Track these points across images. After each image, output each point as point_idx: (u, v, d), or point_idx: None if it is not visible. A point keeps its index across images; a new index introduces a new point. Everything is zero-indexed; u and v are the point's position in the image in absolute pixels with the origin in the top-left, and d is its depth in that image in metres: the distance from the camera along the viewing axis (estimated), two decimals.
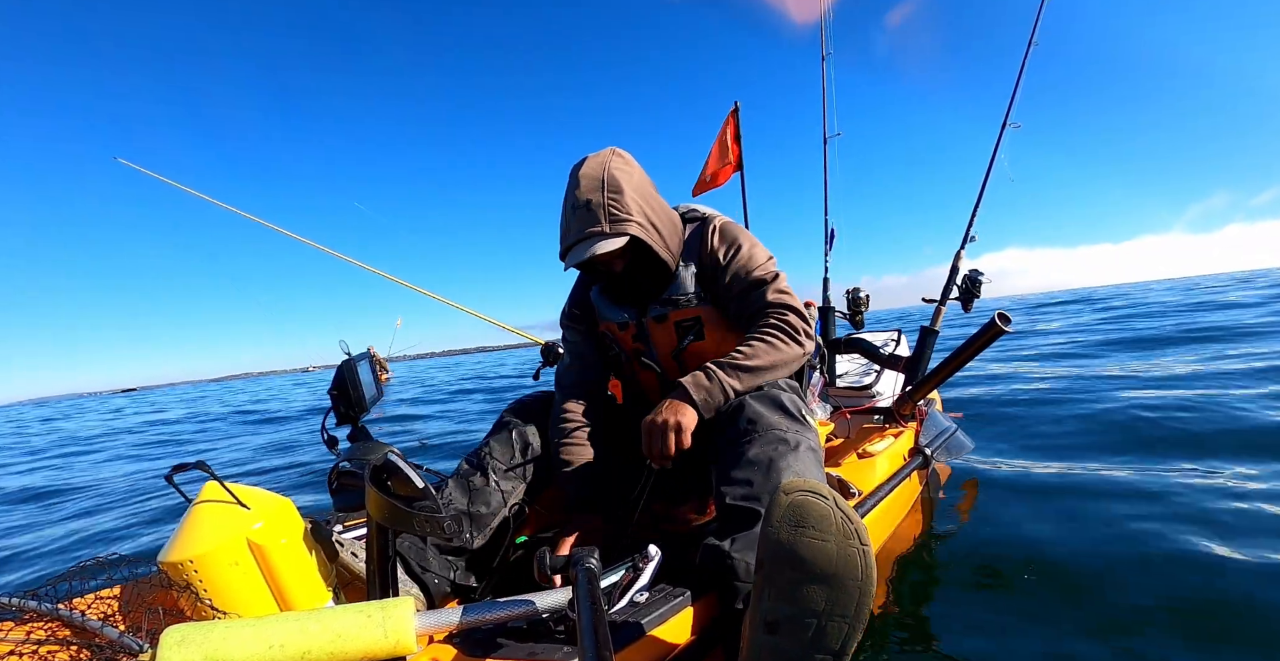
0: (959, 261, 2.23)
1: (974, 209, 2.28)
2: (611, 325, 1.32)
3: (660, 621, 0.88)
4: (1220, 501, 1.81)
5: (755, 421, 1.04)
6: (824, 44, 2.86)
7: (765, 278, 1.19)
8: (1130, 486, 2.04)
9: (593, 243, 1.11)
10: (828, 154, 2.88)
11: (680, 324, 1.25)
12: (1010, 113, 2.26)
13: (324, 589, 0.89)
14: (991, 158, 2.27)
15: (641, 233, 1.13)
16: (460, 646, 0.85)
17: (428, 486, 0.86)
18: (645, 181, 1.20)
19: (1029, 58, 2.30)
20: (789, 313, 1.16)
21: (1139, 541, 1.61)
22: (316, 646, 0.64)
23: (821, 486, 0.70)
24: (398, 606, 0.69)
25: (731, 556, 0.93)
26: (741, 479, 0.99)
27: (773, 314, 1.16)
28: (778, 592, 0.70)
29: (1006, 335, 1.78)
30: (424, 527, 0.78)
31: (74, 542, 2.83)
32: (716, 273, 1.22)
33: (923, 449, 1.87)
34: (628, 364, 1.35)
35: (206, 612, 0.79)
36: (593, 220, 1.11)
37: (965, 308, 2.15)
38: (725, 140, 2.82)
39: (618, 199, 1.12)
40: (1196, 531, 1.63)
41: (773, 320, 1.15)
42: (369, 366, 1.16)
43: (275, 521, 0.86)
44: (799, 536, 0.68)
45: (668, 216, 1.23)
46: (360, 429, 1.15)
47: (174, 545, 0.81)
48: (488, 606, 0.79)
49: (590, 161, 1.16)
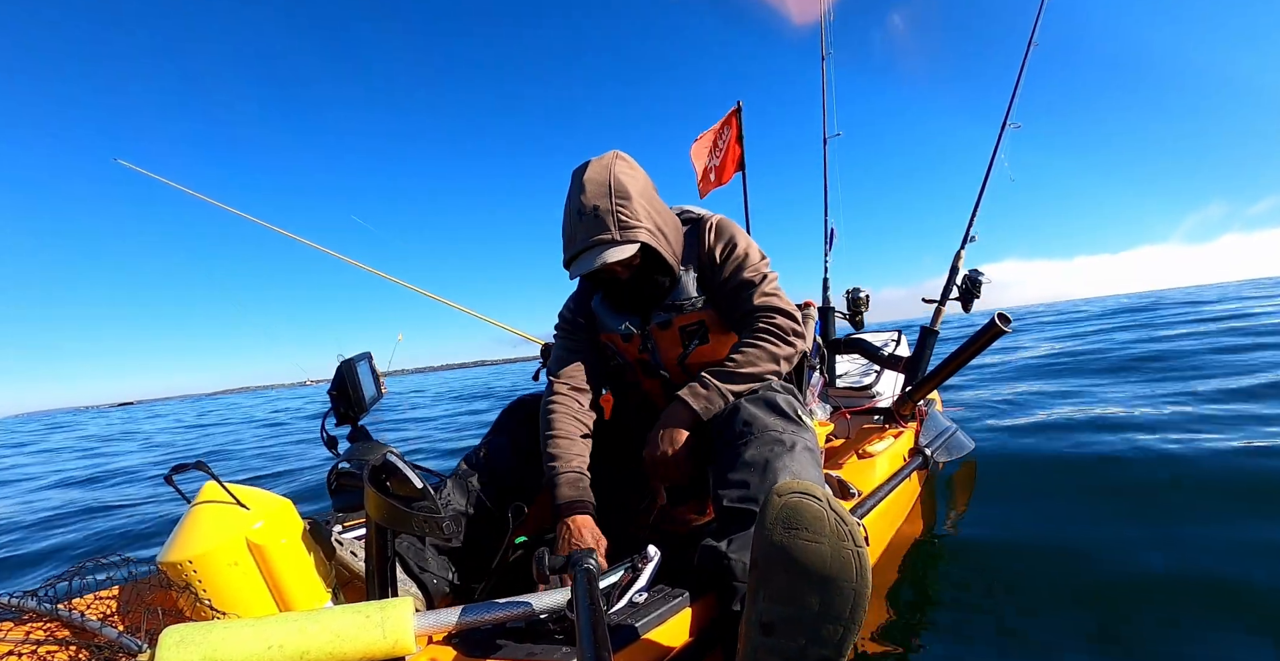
0: (959, 261, 2.23)
1: (974, 208, 2.28)
2: (614, 336, 1.30)
3: (659, 622, 0.88)
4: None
5: (751, 423, 1.04)
6: (824, 44, 2.86)
7: (754, 279, 1.19)
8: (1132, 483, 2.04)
9: (602, 250, 1.08)
10: (827, 154, 2.89)
11: (684, 329, 1.25)
12: (1010, 113, 2.26)
13: (323, 589, 0.89)
14: (992, 157, 2.27)
15: (651, 239, 1.11)
16: (459, 646, 0.85)
17: (426, 487, 0.86)
18: (649, 185, 1.19)
19: (1029, 58, 2.30)
20: (776, 315, 1.16)
21: (1139, 541, 1.61)
22: (315, 646, 0.65)
23: (815, 488, 0.70)
24: (396, 607, 0.69)
25: (729, 557, 0.93)
26: (738, 481, 0.99)
27: (761, 317, 1.17)
28: (772, 594, 0.70)
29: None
30: (423, 528, 0.78)
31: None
32: (713, 271, 1.22)
33: (923, 449, 1.87)
34: (631, 372, 1.34)
35: (206, 613, 0.80)
36: (601, 227, 1.08)
37: (965, 308, 2.15)
38: (720, 137, 2.82)
39: (626, 205, 1.09)
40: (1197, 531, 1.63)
41: (761, 324, 1.16)
42: (368, 367, 1.16)
43: (275, 521, 0.86)
44: (792, 539, 0.68)
45: (672, 221, 1.22)
46: (360, 429, 1.15)
47: (173, 545, 0.81)
48: (487, 607, 0.79)
49: (594, 166, 1.13)
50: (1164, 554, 1.52)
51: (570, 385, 1.26)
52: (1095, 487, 2.07)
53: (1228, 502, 1.79)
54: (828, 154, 2.89)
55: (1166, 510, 1.81)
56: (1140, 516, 1.78)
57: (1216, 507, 1.76)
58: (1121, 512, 1.82)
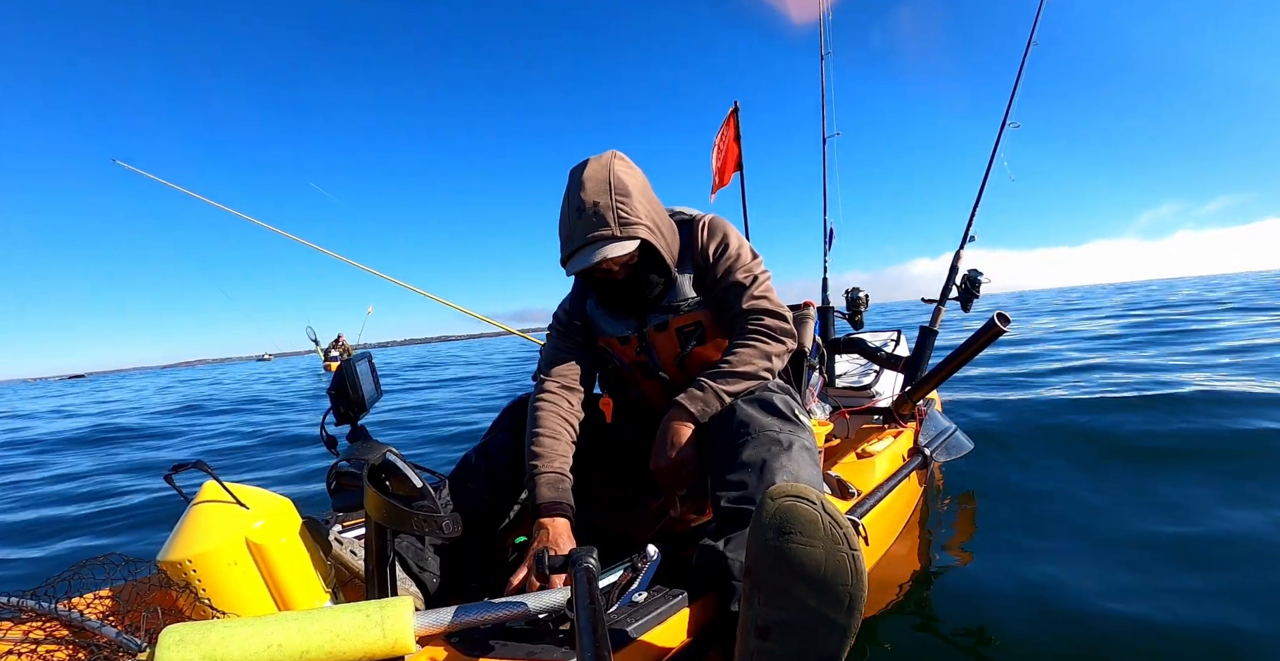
0: (959, 261, 2.23)
1: (974, 208, 2.28)
2: (611, 340, 1.30)
3: (658, 622, 0.88)
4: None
5: (748, 423, 1.04)
6: (823, 44, 2.86)
7: (745, 281, 1.19)
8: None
9: (601, 245, 1.08)
10: (827, 154, 2.89)
11: (681, 330, 1.25)
12: (1009, 112, 2.26)
13: (323, 588, 0.89)
14: (991, 157, 2.27)
15: (650, 236, 1.12)
16: (459, 646, 0.85)
17: (426, 486, 0.86)
18: (647, 185, 1.19)
19: (1028, 57, 2.30)
20: (765, 317, 1.17)
21: (1138, 541, 1.62)
22: (315, 646, 0.65)
23: (809, 491, 0.70)
24: (396, 606, 0.69)
25: (727, 557, 0.93)
26: (736, 481, 0.99)
27: (751, 319, 1.17)
28: (768, 598, 0.70)
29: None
30: (422, 527, 0.78)
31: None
32: (707, 270, 1.22)
33: (922, 449, 1.87)
34: (630, 375, 1.34)
35: (205, 612, 0.80)
36: (601, 223, 1.08)
37: (964, 307, 2.15)
38: (721, 139, 2.82)
39: (626, 202, 1.09)
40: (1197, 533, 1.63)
41: (750, 325, 1.17)
42: (368, 367, 1.15)
43: (274, 521, 0.86)
44: (786, 542, 0.67)
45: (668, 221, 1.22)
46: (359, 429, 1.15)
47: (173, 544, 0.81)
48: (486, 606, 0.79)
49: (593, 164, 1.13)
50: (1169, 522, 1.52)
51: (560, 384, 1.26)
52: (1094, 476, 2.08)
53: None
54: (827, 153, 2.89)
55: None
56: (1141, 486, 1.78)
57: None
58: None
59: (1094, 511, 1.88)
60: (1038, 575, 1.50)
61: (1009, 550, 1.67)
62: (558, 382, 1.26)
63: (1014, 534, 1.77)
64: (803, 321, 1.50)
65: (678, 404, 1.13)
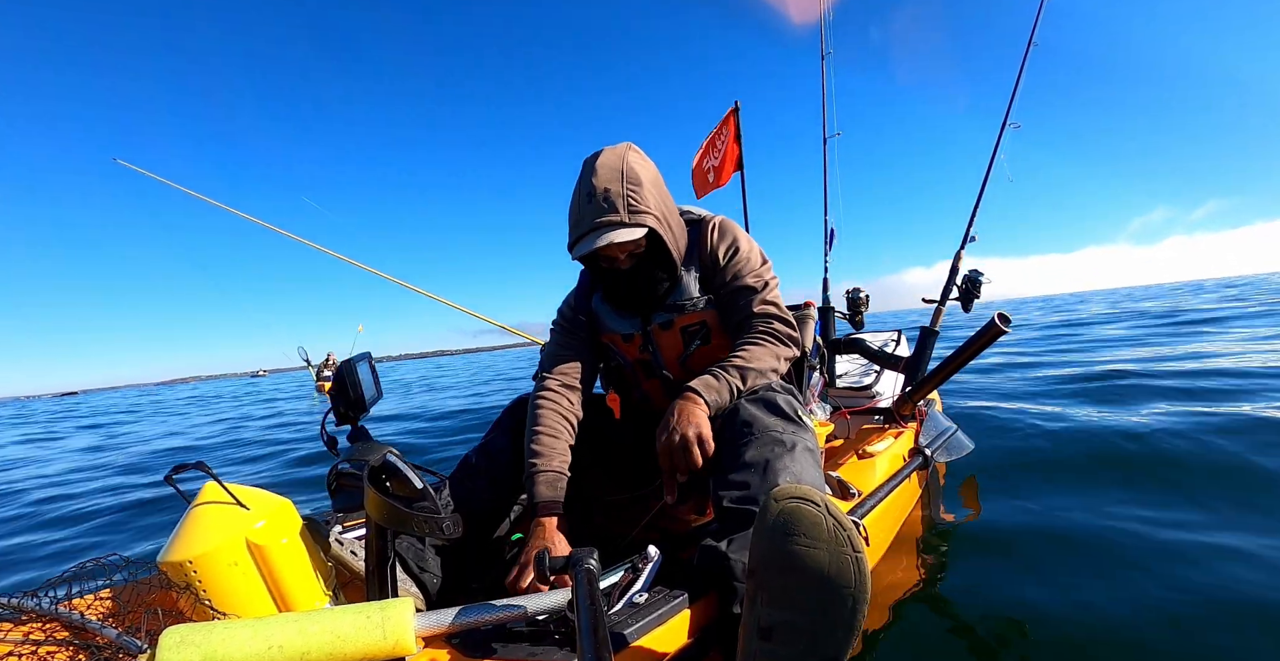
0: (959, 261, 2.23)
1: (974, 208, 2.28)
2: (615, 337, 1.30)
3: (659, 623, 0.88)
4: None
5: (751, 423, 1.04)
6: (824, 44, 2.86)
7: (756, 286, 1.20)
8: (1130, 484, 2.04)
9: (608, 230, 1.08)
10: (827, 153, 2.89)
11: (686, 329, 1.25)
12: (1010, 112, 2.26)
13: (323, 589, 0.89)
14: (991, 157, 2.27)
15: (658, 226, 1.12)
16: (459, 647, 0.85)
17: (426, 487, 0.86)
18: (659, 178, 1.19)
19: (1029, 57, 2.30)
20: (773, 321, 1.18)
21: (1139, 540, 1.61)
22: (316, 647, 0.64)
23: (813, 492, 0.70)
24: (397, 607, 0.69)
25: (729, 558, 0.93)
26: (738, 481, 0.99)
27: (759, 323, 1.18)
28: (770, 600, 0.70)
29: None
30: (423, 528, 0.78)
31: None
32: (715, 272, 1.22)
33: (923, 449, 1.87)
34: (632, 373, 1.34)
35: (206, 613, 0.79)
36: (610, 208, 1.08)
37: (965, 308, 2.15)
38: (719, 138, 2.82)
39: (637, 190, 1.09)
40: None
41: (759, 328, 1.17)
42: (368, 367, 1.15)
43: (275, 521, 0.86)
44: (790, 544, 0.67)
45: (678, 217, 1.23)
46: (359, 429, 1.15)
47: (173, 545, 0.81)
48: (487, 607, 0.79)
49: (607, 152, 1.14)
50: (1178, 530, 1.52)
51: (561, 382, 1.26)
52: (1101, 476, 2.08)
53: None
54: (827, 153, 2.89)
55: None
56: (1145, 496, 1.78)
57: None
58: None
59: (1097, 513, 1.87)
60: (1038, 575, 1.49)
61: (1009, 550, 1.66)
62: (559, 380, 1.26)
63: (1014, 534, 1.76)
64: (803, 321, 1.50)
65: (691, 389, 1.08)
